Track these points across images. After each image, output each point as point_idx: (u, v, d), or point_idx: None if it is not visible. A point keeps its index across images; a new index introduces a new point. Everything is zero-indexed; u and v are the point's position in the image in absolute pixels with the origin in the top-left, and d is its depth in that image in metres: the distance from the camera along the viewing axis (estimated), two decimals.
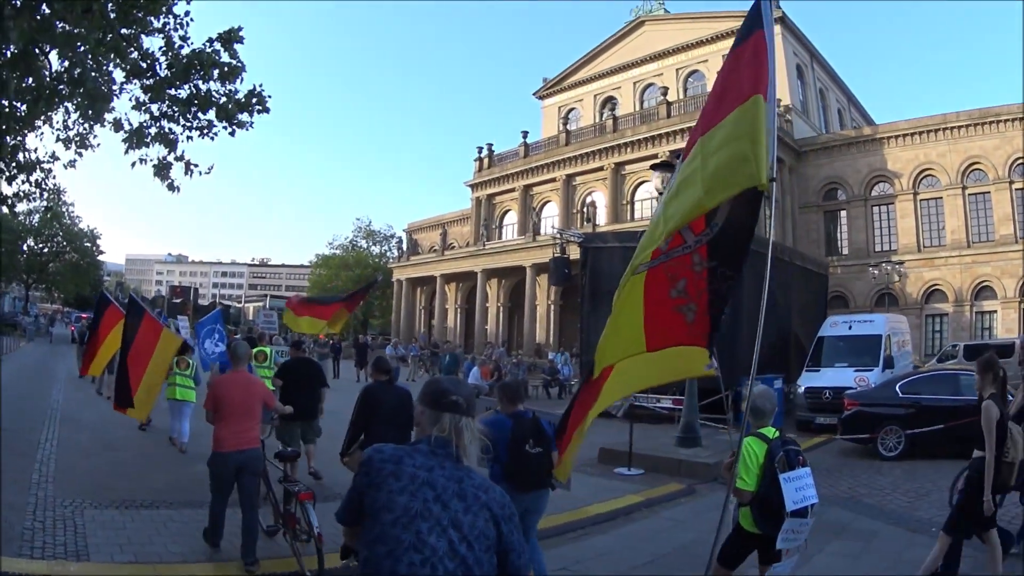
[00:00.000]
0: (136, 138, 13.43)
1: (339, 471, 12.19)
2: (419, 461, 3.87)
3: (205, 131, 13.65)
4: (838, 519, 13.30)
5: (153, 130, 13.62)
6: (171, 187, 13.59)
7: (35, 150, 15.85)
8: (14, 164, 15.35)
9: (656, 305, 6.95)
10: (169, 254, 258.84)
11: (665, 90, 66.22)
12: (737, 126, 5.90)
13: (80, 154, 15.61)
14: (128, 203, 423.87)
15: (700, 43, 69.85)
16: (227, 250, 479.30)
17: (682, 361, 7.39)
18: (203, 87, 13.12)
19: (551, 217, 73.29)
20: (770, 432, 7.65)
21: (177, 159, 13.58)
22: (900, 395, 20.56)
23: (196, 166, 13.66)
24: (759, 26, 6.26)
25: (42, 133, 15.40)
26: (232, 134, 13.60)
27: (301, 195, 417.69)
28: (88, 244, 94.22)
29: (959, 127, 53.92)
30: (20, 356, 47.24)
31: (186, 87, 13.03)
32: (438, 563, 3.58)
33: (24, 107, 12.96)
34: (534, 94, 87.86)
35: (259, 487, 10.66)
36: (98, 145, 15.81)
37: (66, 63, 12.24)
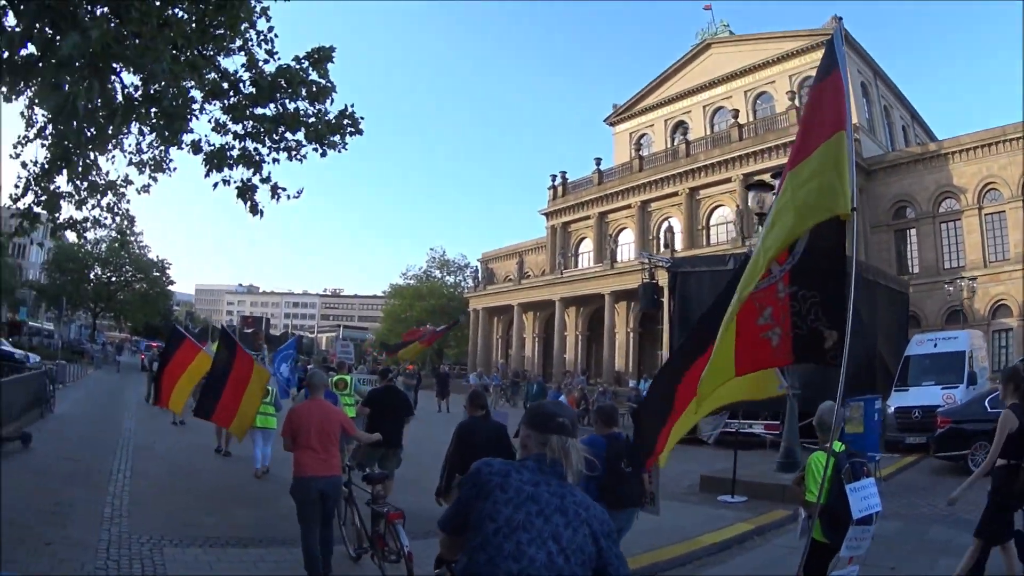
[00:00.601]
0: (217, 160, 13.22)
1: (412, 497, 12.91)
2: (526, 476, 3.98)
3: (293, 153, 13.30)
4: (941, 536, 13.28)
5: (236, 152, 13.38)
6: (255, 210, 13.24)
7: (106, 173, 14.97)
8: (85, 186, 14.50)
9: (747, 333, 7.06)
10: (240, 284, 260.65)
11: (736, 112, 65.63)
12: (823, 160, 6.17)
13: (155, 178, 15.19)
14: (198, 233, 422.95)
15: (766, 64, 69.24)
16: (298, 281, 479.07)
17: (755, 382, 7.71)
18: (290, 106, 12.75)
19: (627, 244, 72.95)
20: (836, 446, 7.76)
21: (263, 181, 13.24)
22: (989, 410, 19.68)
23: (284, 189, 13.24)
24: (835, 65, 6.51)
25: (114, 156, 14.92)
26: (323, 155, 13.14)
27: (374, 226, 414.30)
28: (157, 274, 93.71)
29: (1017, 138, 52.55)
30: (88, 383, 46.83)
31: (271, 106, 12.71)
32: (535, 573, 3.67)
33: (94, 128, 11.70)
34: (605, 120, 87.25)
35: (335, 510, 10.60)
36: (174, 169, 15.49)
37: (140, 79, 11.57)
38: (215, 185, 13.09)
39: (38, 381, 25.53)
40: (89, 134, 11.54)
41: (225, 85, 12.59)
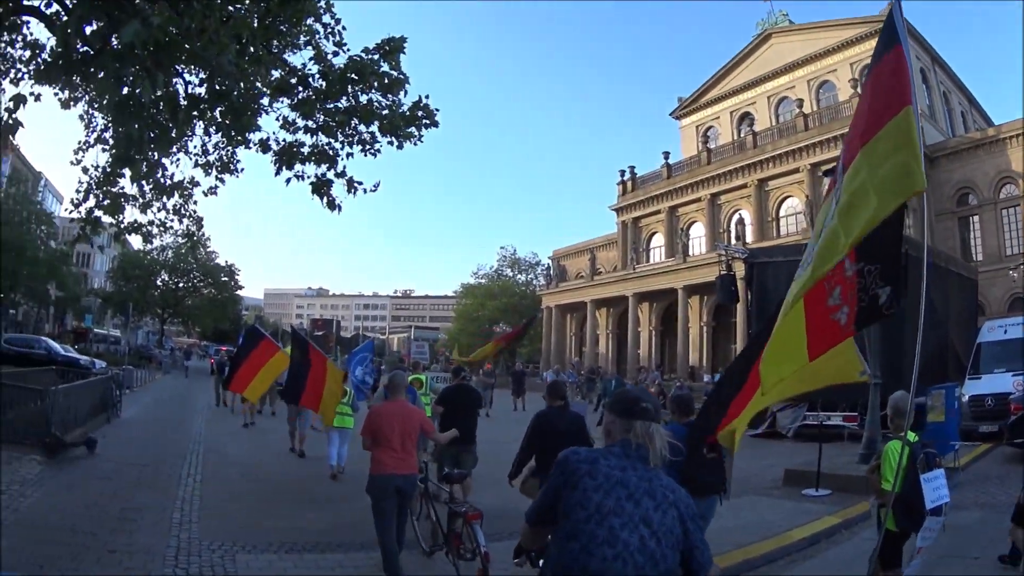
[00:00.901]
0: (287, 157, 13.20)
1: (485, 495, 12.97)
2: (613, 462, 4.06)
3: (368, 147, 13.22)
4: None
5: (307, 148, 13.33)
6: (332, 205, 13.06)
7: (172, 175, 15.06)
8: (150, 186, 14.60)
9: (817, 316, 7.00)
10: (309, 287, 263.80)
11: (800, 102, 65.74)
12: (895, 137, 6.04)
13: (222, 180, 15.26)
14: (267, 238, 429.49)
15: (827, 52, 68.86)
16: (369, 282, 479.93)
17: (835, 367, 7.49)
18: (363, 99, 12.56)
19: (698, 238, 72.97)
20: (911, 436, 7.80)
21: (338, 175, 13.19)
22: None
23: (360, 183, 13.16)
24: (897, 40, 6.46)
25: (178, 159, 15.05)
26: (400, 147, 12.98)
27: (444, 227, 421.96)
28: (226, 279, 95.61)
29: None
30: (156, 388, 46.77)
31: (344, 99, 12.47)
32: (628, 557, 3.75)
33: (157, 129, 11.81)
34: (671, 114, 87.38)
35: (411, 507, 10.81)
36: (241, 170, 15.57)
37: (204, 75, 11.65)
38: (288, 181, 13.10)
39: (103, 386, 25.41)
40: (152, 133, 11.49)
41: (293, 81, 12.48)
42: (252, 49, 10.78)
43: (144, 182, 14.07)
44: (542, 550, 5.36)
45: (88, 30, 9.46)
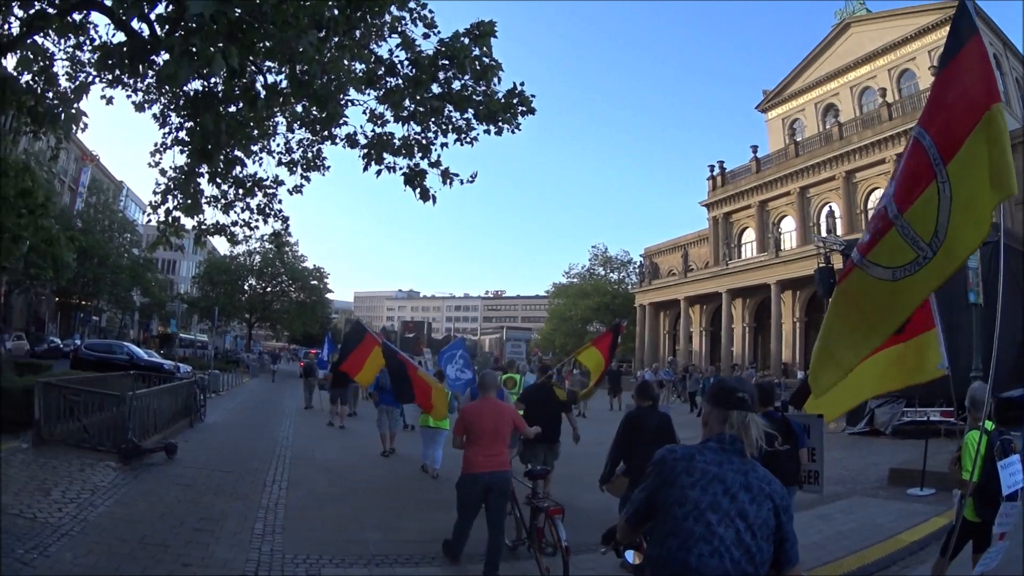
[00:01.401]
0: (376, 151, 12.73)
1: (568, 491, 14.06)
2: (709, 457, 4.15)
3: (463, 135, 12.71)
4: None
5: (397, 140, 12.85)
6: (425, 195, 12.41)
7: (254, 174, 15.00)
8: (230, 184, 14.51)
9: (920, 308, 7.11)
10: (400, 290, 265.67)
11: (883, 91, 64.39)
12: (985, 141, 5.88)
13: (307, 178, 15.09)
14: (356, 241, 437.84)
15: (905, 40, 67.30)
16: (459, 284, 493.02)
17: (914, 364, 8.15)
18: (456, 85, 11.98)
19: (789, 232, 71.99)
20: (988, 424, 7.93)
21: (432, 165, 12.59)
22: None
23: (456, 175, 12.56)
24: (974, 31, 6.25)
25: (260, 159, 14.86)
26: (498, 133, 12.35)
27: (534, 227, 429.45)
28: (314, 282, 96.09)
29: None
30: (243, 392, 46.74)
31: (435, 86, 11.89)
32: (725, 552, 3.85)
33: (233, 124, 11.56)
34: (756, 107, 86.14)
35: (506, 507, 10.73)
36: (328, 167, 15.31)
37: (285, 60, 10.69)
38: (378, 173, 12.79)
39: (186, 391, 25.04)
40: (229, 127, 11.23)
41: (380, 72, 12.09)
42: (336, 38, 10.32)
43: (223, 180, 14.10)
44: (630, 543, 5.05)
45: (153, 15, 9.20)
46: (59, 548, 9.97)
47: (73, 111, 9.85)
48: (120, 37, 10.31)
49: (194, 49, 7.59)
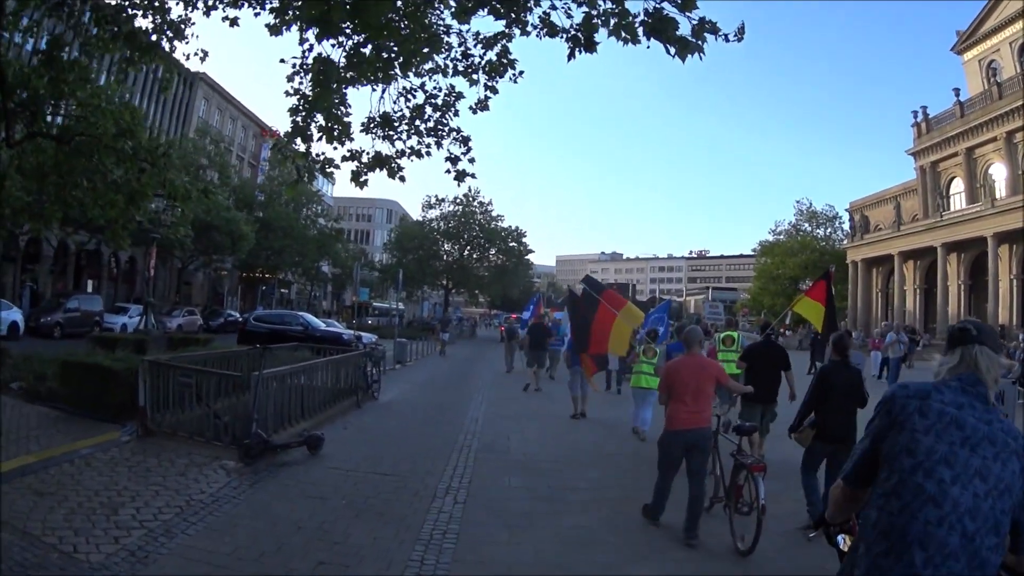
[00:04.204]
0: (586, 29, 9.45)
1: (778, 451, 13.75)
2: (948, 397, 3.55)
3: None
4: None
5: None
6: (684, 50, 8.73)
7: (421, 84, 12.33)
8: (394, 105, 12.13)
9: None
10: (603, 252, 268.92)
11: None
12: None
13: (493, 88, 11.89)
14: (557, 204, 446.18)
15: None
16: (663, 245, 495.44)
17: None
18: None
19: (1000, 180, 66.75)
20: None
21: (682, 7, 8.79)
22: None
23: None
24: None
25: (429, 71, 12.11)
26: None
27: (735, 184, 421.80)
28: (513, 244, 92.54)
29: None
30: (436, 361, 43.81)
31: None
32: (956, 522, 3.26)
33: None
34: (952, 49, 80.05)
35: (707, 463, 10.56)
36: (520, 73, 11.97)
37: None
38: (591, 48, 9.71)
39: (353, 365, 21.38)
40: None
41: None
42: None
43: (375, 81, 11.41)
44: (843, 526, 4.20)
45: None
46: None
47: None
48: None
49: None
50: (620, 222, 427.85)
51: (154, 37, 12.64)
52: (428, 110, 12.36)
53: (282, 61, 11.25)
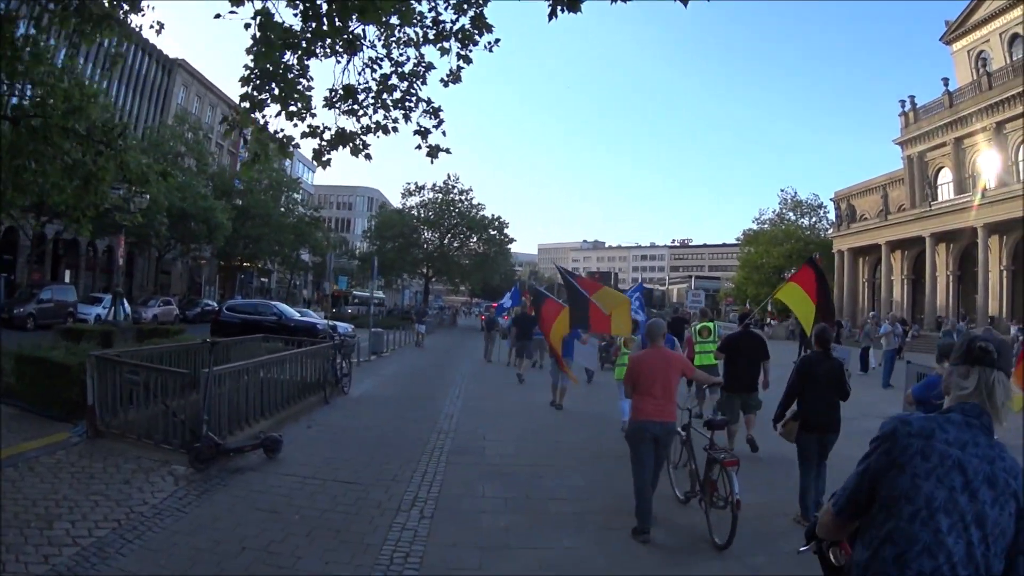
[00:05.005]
0: None
1: (774, 443, 12.93)
2: (952, 435, 3.35)
3: None
4: None
5: None
6: None
7: (388, 53, 11.42)
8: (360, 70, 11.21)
9: None
10: (585, 241, 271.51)
11: None
12: None
13: (466, 57, 11.05)
14: (538, 192, 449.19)
15: None
16: (645, 233, 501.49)
17: None
18: None
19: (986, 171, 65.85)
20: None
21: None
22: None
23: None
24: None
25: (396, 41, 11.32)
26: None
27: (719, 172, 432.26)
28: (494, 232, 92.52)
29: None
30: (413, 352, 42.78)
31: None
32: (949, 573, 3.13)
33: None
34: (940, 39, 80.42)
35: (668, 457, 10.91)
36: (497, 41, 11.24)
37: None
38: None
39: (321, 358, 20.34)
40: None
41: None
42: None
43: (345, 59, 10.80)
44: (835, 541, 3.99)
45: None
46: None
47: None
48: None
49: None
50: (602, 210, 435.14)
51: (108, 5, 11.75)
52: (395, 79, 11.47)
53: (217, 16, 9.74)
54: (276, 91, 10.11)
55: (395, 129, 11.57)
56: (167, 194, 45.86)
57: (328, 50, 10.49)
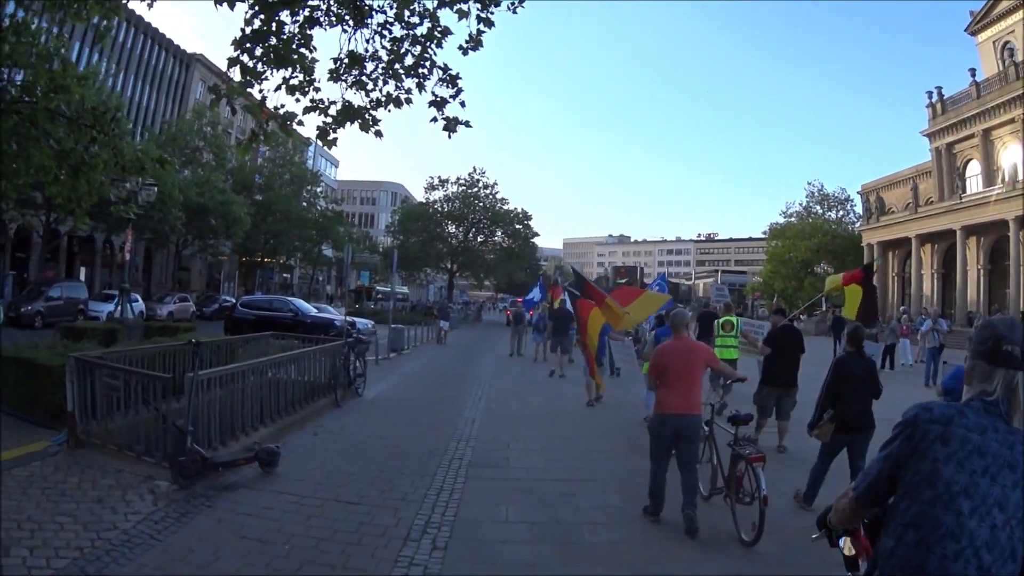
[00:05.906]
0: None
1: (803, 443, 12.64)
2: (971, 421, 3.38)
3: None
4: None
5: None
6: None
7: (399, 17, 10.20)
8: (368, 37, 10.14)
9: None
10: (610, 235, 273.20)
11: None
12: None
13: (488, 21, 10.09)
14: (564, 188, 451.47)
15: None
16: (671, 227, 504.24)
17: None
18: None
19: (1017, 163, 64.64)
20: None
21: None
22: None
23: None
24: None
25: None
26: None
27: (744, 167, 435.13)
28: (519, 226, 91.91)
29: None
30: (436, 348, 42.02)
31: None
32: (972, 556, 3.18)
33: None
34: (966, 30, 79.37)
35: (697, 451, 10.47)
36: (521, 2, 10.45)
37: None
38: None
39: (331, 358, 19.01)
40: None
41: None
42: None
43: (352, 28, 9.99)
44: (847, 528, 4.15)
45: None
46: None
47: None
48: None
49: None
50: (627, 204, 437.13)
51: None
52: (406, 44, 10.34)
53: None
54: (272, 55, 9.20)
55: (408, 101, 10.50)
56: (183, 188, 45.20)
57: (335, 18, 9.74)
